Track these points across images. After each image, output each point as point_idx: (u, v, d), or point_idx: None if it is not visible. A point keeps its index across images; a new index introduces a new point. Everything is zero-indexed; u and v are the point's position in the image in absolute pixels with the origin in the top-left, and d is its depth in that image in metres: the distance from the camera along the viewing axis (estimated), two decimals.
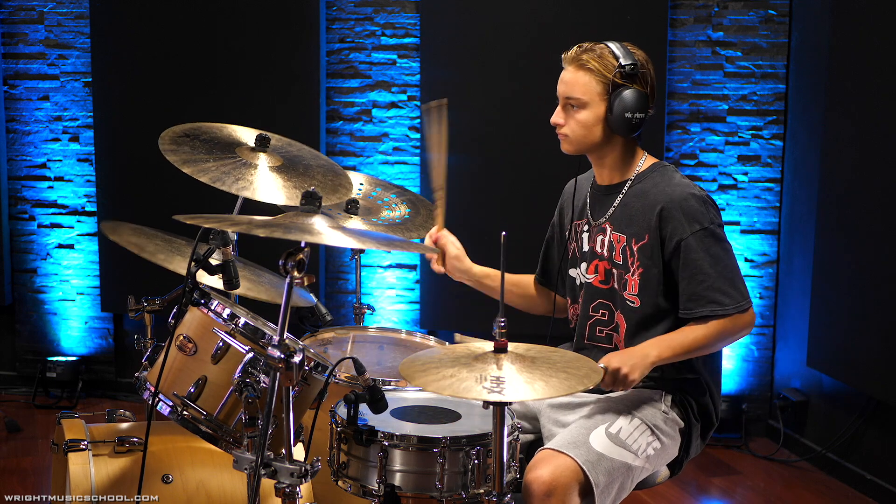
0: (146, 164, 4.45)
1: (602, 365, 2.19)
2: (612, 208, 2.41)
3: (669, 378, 2.37)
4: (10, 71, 4.67)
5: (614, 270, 2.38)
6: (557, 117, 2.40)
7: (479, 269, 2.60)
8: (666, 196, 2.32)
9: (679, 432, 2.38)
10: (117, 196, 4.55)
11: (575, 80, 2.35)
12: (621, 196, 2.41)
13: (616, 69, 2.31)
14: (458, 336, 2.27)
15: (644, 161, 2.42)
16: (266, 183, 2.22)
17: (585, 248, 2.47)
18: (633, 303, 2.35)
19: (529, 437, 2.46)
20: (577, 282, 2.49)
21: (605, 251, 2.40)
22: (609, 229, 2.40)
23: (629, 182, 2.41)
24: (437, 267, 2.60)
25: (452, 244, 2.58)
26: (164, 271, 2.43)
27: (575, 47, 2.38)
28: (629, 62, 2.31)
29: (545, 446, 2.22)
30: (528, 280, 2.71)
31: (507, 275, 2.62)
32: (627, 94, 2.31)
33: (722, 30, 4.28)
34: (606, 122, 2.34)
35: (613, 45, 2.34)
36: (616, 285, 2.38)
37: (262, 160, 2.29)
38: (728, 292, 2.27)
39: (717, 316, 2.27)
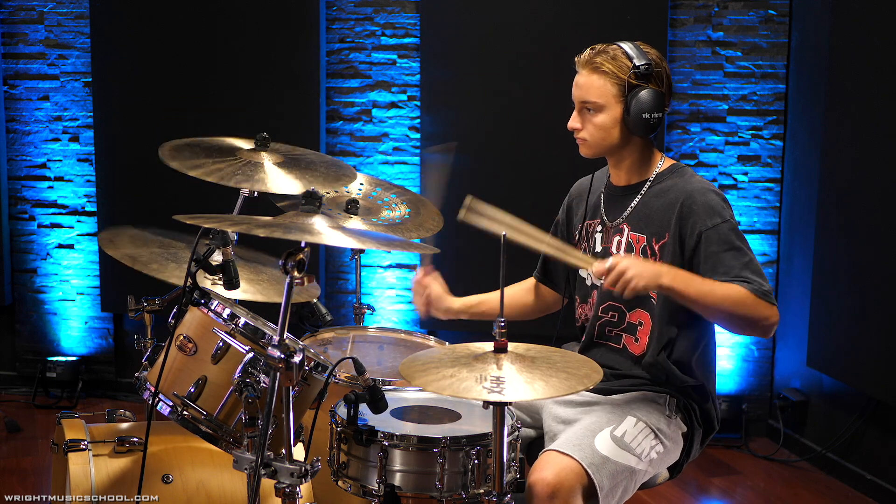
0: (146, 164, 4.42)
1: (608, 263, 2.15)
2: (630, 209, 2.40)
3: (674, 383, 2.36)
4: (10, 71, 4.67)
5: None
6: (574, 122, 2.38)
7: (461, 303, 2.60)
8: (685, 193, 2.31)
9: (682, 436, 2.37)
10: (117, 196, 4.54)
11: (590, 84, 2.34)
12: (640, 196, 2.39)
13: (630, 70, 2.30)
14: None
15: (663, 162, 2.41)
16: (276, 176, 2.24)
17: (598, 248, 2.45)
18: (654, 299, 2.33)
19: (531, 432, 2.46)
20: (589, 282, 2.48)
21: (621, 251, 2.39)
22: (627, 230, 2.39)
23: (648, 182, 2.39)
24: (422, 311, 2.60)
25: (435, 284, 2.58)
26: None
27: (588, 50, 2.36)
28: (643, 62, 2.30)
29: (549, 447, 2.21)
30: (515, 289, 2.70)
31: (493, 296, 2.63)
32: (644, 94, 2.29)
33: (722, 30, 4.28)
34: (624, 123, 2.33)
35: (626, 46, 2.33)
36: None
37: (266, 158, 2.31)
38: (757, 280, 2.21)
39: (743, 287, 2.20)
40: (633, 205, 2.40)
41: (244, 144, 2.41)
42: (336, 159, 2.47)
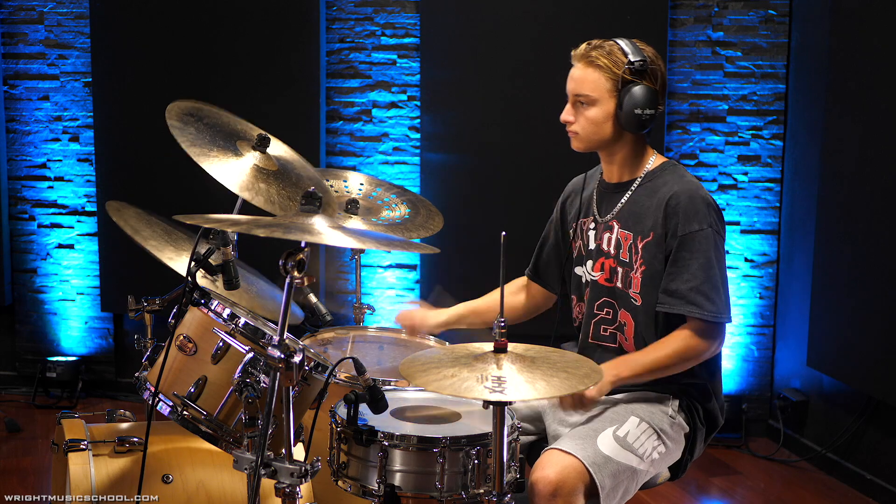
0: (146, 164, 4.45)
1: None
2: (620, 205, 2.40)
3: (676, 383, 2.37)
4: (10, 71, 4.67)
5: (619, 268, 2.38)
6: (567, 114, 2.39)
7: (448, 315, 2.66)
8: (672, 192, 2.32)
9: (684, 437, 2.38)
10: (117, 196, 4.50)
11: (584, 77, 2.35)
12: (630, 193, 2.40)
13: (625, 65, 2.31)
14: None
15: (654, 160, 2.42)
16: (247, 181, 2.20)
17: (592, 245, 2.46)
18: (636, 301, 2.35)
19: (531, 437, 2.46)
20: (583, 280, 2.49)
21: (611, 249, 2.40)
22: (616, 227, 2.40)
23: (639, 180, 2.40)
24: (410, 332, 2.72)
25: (411, 313, 2.67)
26: (164, 271, 2.43)
27: (584, 44, 2.37)
28: (638, 58, 2.31)
29: (551, 446, 2.22)
30: (505, 290, 2.72)
31: (477, 302, 2.66)
32: (637, 90, 2.30)
33: (722, 30, 4.27)
34: (616, 118, 2.34)
35: (622, 42, 2.34)
36: (620, 283, 2.38)
37: (251, 159, 2.27)
38: (713, 299, 2.26)
39: (693, 318, 2.27)
40: (622, 201, 2.40)
41: (251, 129, 2.38)
42: (322, 181, 2.44)
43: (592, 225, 2.47)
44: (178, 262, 2.43)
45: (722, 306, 2.28)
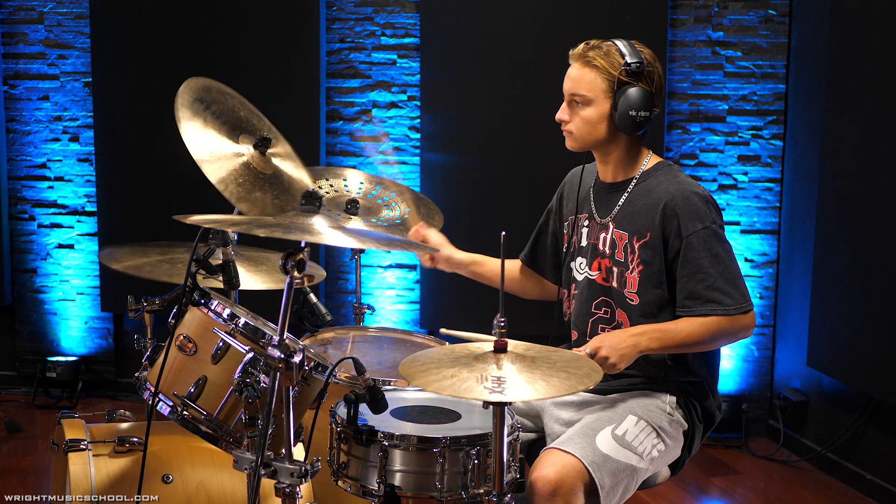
0: (146, 164, 4.45)
1: (588, 350, 2.20)
2: (617, 207, 2.41)
3: (673, 381, 2.37)
4: (10, 71, 4.67)
5: (615, 268, 2.38)
6: (562, 114, 2.40)
7: (461, 256, 2.63)
8: (669, 194, 2.32)
9: (682, 434, 2.38)
10: (117, 196, 4.54)
11: (581, 77, 2.35)
12: (626, 194, 2.41)
13: (622, 67, 2.32)
14: (443, 330, 2.31)
15: (649, 160, 2.42)
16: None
17: (584, 242, 2.47)
18: (633, 300, 2.35)
19: (531, 435, 2.46)
20: (573, 275, 2.50)
21: (606, 248, 2.40)
22: (612, 227, 2.40)
23: (634, 180, 2.41)
24: (426, 262, 2.66)
25: (434, 234, 2.64)
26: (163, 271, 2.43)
27: (582, 44, 2.38)
28: (635, 60, 2.31)
29: (551, 445, 2.22)
30: (515, 265, 2.73)
31: (494, 260, 2.66)
32: (632, 91, 2.31)
33: (722, 30, 4.27)
34: (611, 119, 2.34)
35: (620, 43, 2.35)
36: (616, 283, 2.38)
37: (245, 154, 2.24)
38: (729, 293, 2.27)
39: (717, 315, 2.27)
40: (620, 203, 2.41)
41: (258, 117, 2.34)
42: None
43: (587, 222, 2.48)
44: (175, 277, 2.44)
45: (740, 297, 2.28)
